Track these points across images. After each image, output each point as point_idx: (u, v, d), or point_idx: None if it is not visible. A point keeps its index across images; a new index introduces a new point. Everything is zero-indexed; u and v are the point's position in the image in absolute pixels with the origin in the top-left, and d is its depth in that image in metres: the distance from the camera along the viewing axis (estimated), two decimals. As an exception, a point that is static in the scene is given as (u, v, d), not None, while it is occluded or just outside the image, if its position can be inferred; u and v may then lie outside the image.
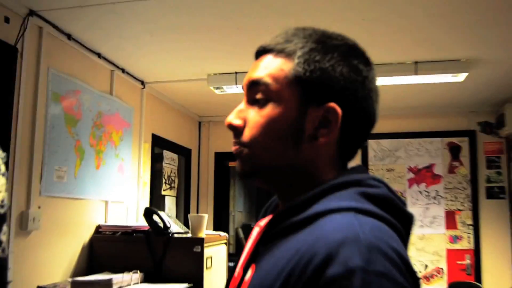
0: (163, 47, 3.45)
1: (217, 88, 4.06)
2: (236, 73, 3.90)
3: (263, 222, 1.00)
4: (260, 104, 0.89)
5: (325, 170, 0.91)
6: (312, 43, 0.90)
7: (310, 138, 0.88)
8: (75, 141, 3.27)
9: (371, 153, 5.38)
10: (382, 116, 4.13)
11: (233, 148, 0.93)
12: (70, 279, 3.04)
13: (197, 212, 5.40)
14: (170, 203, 4.95)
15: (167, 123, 4.86)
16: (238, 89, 4.03)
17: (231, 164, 5.83)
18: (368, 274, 0.69)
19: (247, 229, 6.24)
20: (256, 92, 0.90)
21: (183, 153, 5.30)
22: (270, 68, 0.90)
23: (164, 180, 4.80)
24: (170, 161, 4.95)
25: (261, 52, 0.94)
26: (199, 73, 3.97)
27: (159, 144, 4.64)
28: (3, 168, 1.07)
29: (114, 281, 2.92)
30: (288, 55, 0.89)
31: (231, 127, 0.92)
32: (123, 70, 3.89)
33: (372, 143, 5.39)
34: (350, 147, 0.92)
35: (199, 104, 5.06)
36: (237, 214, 6.78)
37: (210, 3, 2.74)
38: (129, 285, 3.08)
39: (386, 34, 3.14)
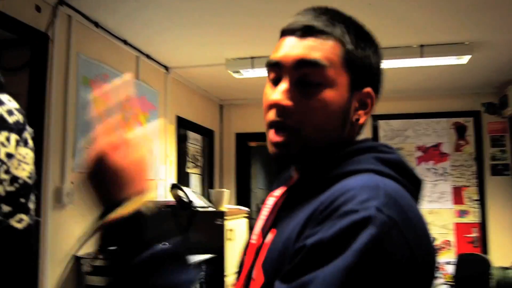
0: (184, 33, 3.41)
1: (235, 72, 4.02)
2: (252, 58, 3.85)
3: (277, 192, 0.97)
4: (312, 86, 0.82)
5: (348, 140, 0.89)
6: (354, 29, 0.86)
7: (353, 119, 0.87)
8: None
9: (381, 133, 5.30)
10: (391, 97, 4.07)
11: (272, 133, 0.85)
12: (102, 249, 3.06)
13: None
14: (195, 180, 4.95)
15: (191, 106, 4.84)
16: (254, 73, 4.00)
17: (251, 144, 5.80)
18: (380, 215, 0.67)
19: (266, 205, 6.20)
20: (309, 74, 0.82)
21: (206, 134, 5.29)
22: (324, 50, 0.82)
23: (189, 159, 4.79)
24: (194, 141, 4.94)
25: (306, 32, 0.84)
26: (218, 58, 3.93)
27: (183, 126, 4.63)
28: (31, 142, 1.07)
29: (142, 251, 2.92)
30: (338, 39, 0.83)
31: (280, 107, 0.83)
32: (148, 56, 3.86)
33: (382, 124, 5.30)
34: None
35: (220, 87, 5.03)
36: (258, 191, 6.75)
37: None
38: (156, 254, 3.08)
39: (393, 18, 3.06)
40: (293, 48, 0.84)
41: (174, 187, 3.41)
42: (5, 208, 1.00)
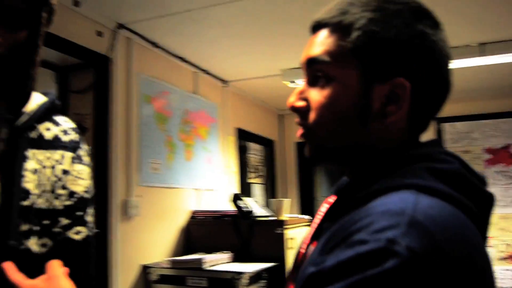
0: (239, 47, 3.46)
1: (291, 82, 4.03)
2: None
3: (331, 199, 0.91)
4: (321, 83, 0.77)
5: (395, 145, 0.77)
6: (370, 12, 0.74)
7: (378, 116, 0.74)
8: (166, 137, 3.37)
9: (446, 136, 5.10)
10: (454, 99, 3.89)
11: (298, 132, 0.82)
12: (168, 259, 3.15)
13: (285, 197, 5.42)
14: (258, 190, 4.99)
15: (250, 117, 4.89)
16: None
17: (313, 152, 5.77)
18: (395, 247, 0.54)
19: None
20: (315, 71, 0.78)
21: (266, 144, 5.33)
22: (326, 44, 0.76)
23: (250, 169, 4.84)
24: (254, 151, 4.98)
25: (316, 27, 0.80)
26: (274, 69, 3.96)
27: (243, 137, 4.69)
28: (86, 159, 1.13)
29: (205, 260, 2.98)
30: (345, 28, 0.75)
31: (294, 109, 0.80)
32: (205, 71, 3.96)
33: (446, 126, 5.10)
34: (422, 120, 0.77)
35: (277, 98, 5.05)
36: (322, 199, 6.67)
37: (276, 5, 2.71)
38: (220, 264, 3.13)
39: (449, 18, 2.95)
40: (307, 47, 0.81)
41: (235, 197, 3.46)
42: (63, 221, 1.05)
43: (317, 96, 0.77)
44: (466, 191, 0.67)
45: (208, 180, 3.91)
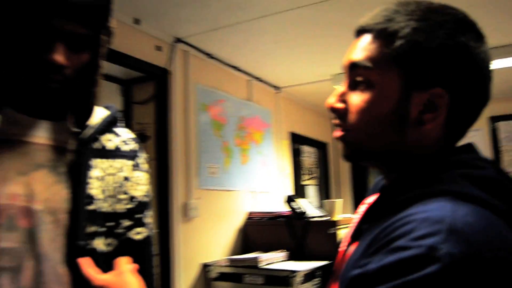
0: (290, 54, 3.53)
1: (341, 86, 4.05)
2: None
3: (370, 199, 0.93)
4: (361, 87, 0.77)
5: (431, 152, 0.77)
6: (415, 22, 0.74)
7: (415, 123, 0.75)
8: (222, 142, 3.50)
9: (502, 135, 4.93)
10: (509, 97, 3.75)
11: (335, 132, 0.83)
12: (226, 257, 3.27)
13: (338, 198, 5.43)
14: (312, 191, 5.03)
15: (302, 121, 4.94)
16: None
17: (366, 153, 5.74)
18: (437, 253, 0.56)
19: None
20: (356, 75, 0.78)
21: (320, 146, 5.35)
22: (369, 50, 0.77)
23: (304, 172, 4.90)
24: (308, 154, 5.03)
25: (360, 32, 0.81)
26: (324, 74, 4.00)
27: (296, 140, 4.75)
28: (145, 166, 1.20)
29: (261, 259, 3.07)
30: (389, 35, 0.75)
31: (333, 109, 0.81)
32: (258, 79, 4.06)
33: (502, 125, 4.94)
34: (459, 128, 0.77)
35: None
36: (375, 199, 6.62)
37: (324, 12, 2.77)
38: (275, 262, 3.21)
39: (497, 17, 2.91)
40: (349, 51, 0.82)
41: (288, 198, 3.54)
42: (125, 223, 1.11)
43: (356, 100, 0.77)
44: (502, 196, 0.67)
45: (263, 182, 4.01)
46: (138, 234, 1.13)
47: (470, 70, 0.73)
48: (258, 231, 3.67)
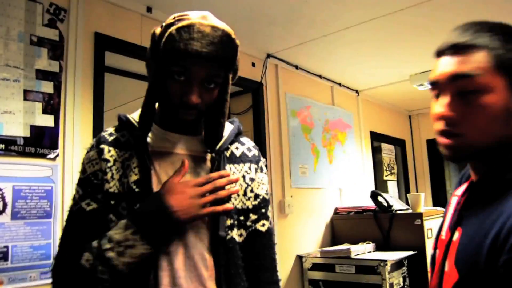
0: (369, 59, 3.60)
1: (419, 85, 4.05)
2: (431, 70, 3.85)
3: (459, 191, 1.00)
4: (471, 96, 0.84)
5: None
6: (501, 34, 0.85)
7: None
8: (311, 145, 3.64)
9: None
10: None
11: (442, 139, 0.88)
12: (319, 249, 3.40)
13: (416, 192, 5.37)
14: (392, 186, 5.03)
15: (381, 120, 4.96)
16: (439, 84, 3.96)
17: (443, 148, 5.63)
18: None
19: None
20: (464, 86, 0.84)
21: (398, 143, 5.34)
22: (475, 62, 0.84)
23: (384, 168, 4.91)
24: (387, 151, 5.04)
25: (453, 48, 0.88)
26: (402, 74, 4.02)
27: (376, 139, 4.78)
28: (265, 169, 1.32)
29: (352, 250, 3.17)
30: (486, 47, 0.84)
31: (444, 118, 0.86)
32: (340, 84, 4.15)
33: None
34: None
35: (406, 100, 5.05)
36: (451, 192, 6.44)
37: (399, 18, 2.84)
38: (364, 253, 3.30)
39: None
40: (446, 66, 0.87)
41: (373, 193, 3.61)
42: (252, 216, 1.21)
43: (468, 106, 0.84)
44: None
45: (348, 179, 4.10)
46: (263, 226, 1.23)
47: None
48: (345, 225, 3.76)
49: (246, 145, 1.29)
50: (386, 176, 4.92)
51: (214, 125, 1.16)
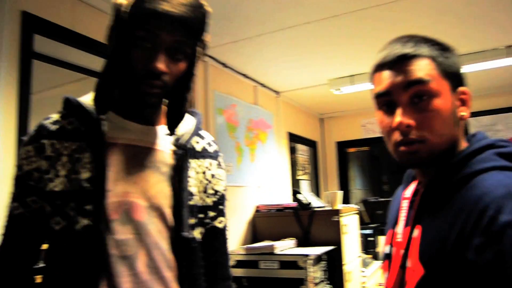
0: (291, 62, 3.66)
1: (337, 89, 4.22)
2: (351, 75, 4.04)
3: (407, 193, 1.06)
4: (424, 101, 0.88)
5: (462, 140, 0.94)
6: (436, 46, 0.92)
7: (459, 117, 0.91)
8: (235, 143, 3.63)
9: (472, 129, 5.18)
10: (479, 96, 4.01)
11: (404, 148, 0.90)
12: (242, 246, 3.39)
13: (327, 191, 5.60)
14: (305, 185, 5.19)
15: (297, 122, 5.08)
16: (353, 89, 4.16)
17: (350, 150, 5.95)
18: None
19: (366, 204, 6.27)
20: (418, 91, 0.88)
21: (311, 144, 5.51)
22: (424, 69, 0.89)
23: (299, 168, 5.05)
24: (302, 152, 5.19)
25: (400, 59, 0.91)
26: (321, 79, 4.16)
27: (293, 139, 4.90)
28: (223, 164, 1.28)
29: (276, 246, 3.20)
30: (428, 56, 0.90)
31: (405, 126, 0.89)
32: (262, 85, 4.19)
33: (472, 121, 5.22)
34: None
35: (320, 104, 5.23)
36: (355, 191, 6.85)
37: (329, 25, 2.92)
38: (287, 249, 3.35)
39: (479, 27, 3.09)
40: (395, 76, 0.90)
41: (294, 192, 3.70)
42: (211, 213, 1.18)
43: (423, 111, 0.88)
44: None
45: (268, 178, 4.15)
46: (221, 223, 1.22)
47: (463, 72, 0.96)
48: (266, 222, 3.79)
49: (207, 140, 1.24)
50: (300, 175, 5.07)
51: (178, 100, 1.08)
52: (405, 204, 1.03)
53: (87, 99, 1.07)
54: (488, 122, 5.16)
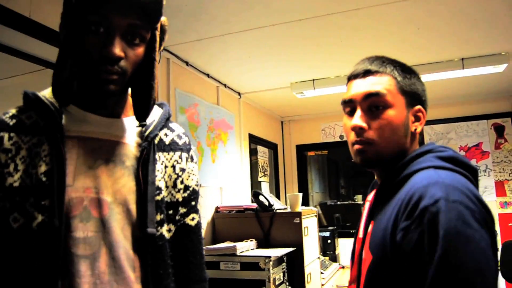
0: (256, 65, 3.66)
1: (299, 93, 4.25)
2: (313, 80, 4.08)
3: (370, 197, 1.21)
4: (379, 110, 1.05)
5: (413, 148, 1.10)
6: (400, 67, 1.10)
7: (411, 130, 1.08)
8: (197, 142, 3.58)
9: (426, 137, 5.38)
10: (435, 104, 4.17)
11: (356, 146, 1.08)
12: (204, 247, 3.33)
13: (285, 193, 5.63)
14: (265, 187, 5.19)
15: (258, 124, 5.08)
16: (315, 93, 4.20)
17: (309, 153, 6.01)
18: (448, 201, 0.86)
19: (324, 206, 6.36)
20: (375, 102, 1.06)
21: (271, 147, 5.53)
22: (383, 84, 1.07)
23: (259, 169, 5.05)
24: (262, 154, 5.19)
25: (365, 73, 1.09)
26: (284, 82, 4.17)
27: (254, 141, 4.89)
28: (196, 158, 1.24)
29: (238, 247, 3.18)
30: (390, 74, 1.07)
31: (358, 128, 1.06)
32: (225, 85, 4.15)
33: (426, 129, 5.39)
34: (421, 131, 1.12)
35: (282, 107, 5.25)
36: (314, 194, 6.92)
37: (294, 29, 2.93)
38: (248, 250, 3.33)
39: (437, 39, 3.20)
40: (359, 87, 1.09)
41: (255, 193, 3.68)
42: (181, 210, 1.13)
43: (377, 119, 1.05)
44: (462, 166, 0.98)
45: (228, 179, 4.12)
46: (193, 220, 1.16)
47: (425, 93, 1.13)
48: (227, 223, 3.76)
49: (176, 132, 1.19)
50: (260, 177, 5.06)
51: (143, 89, 1.03)
52: (366, 206, 1.18)
53: (47, 92, 1.03)
54: (442, 130, 5.35)
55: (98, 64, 0.92)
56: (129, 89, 1.08)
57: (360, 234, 1.14)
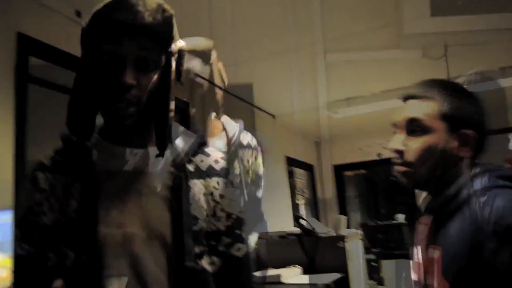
0: (291, 87, 3.61)
1: (334, 112, 4.16)
2: (348, 98, 3.99)
3: (424, 220, 1.16)
4: (418, 134, 1.07)
5: (461, 172, 1.06)
6: (447, 90, 1.08)
7: (455, 154, 1.06)
8: (235, 168, 3.50)
9: None
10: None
11: (399, 168, 1.10)
12: (248, 275, 3.22)
13: (325, 215, 5.50)
14: (303, 209, 5.09)
15: (294, 146, 5.00)
16: (350, 111, 4.11)
17: (347, 173, 5.88)
18: None
19: (365, 227, 6.15)
20: (414, 126, 1.07)
21: (308, 168, 5.43)
22: (423, 108, 1.08)
23: (297, 192, 4.95)
24: (300, 176, 5.10)
25: (408, 98, 1.12)
26: (317, 101, 4.09)
27: (290, 163, 4.80)
28: (236, 183, 1.19)
29: (282, 275, 3.05)
30: (433, 98, 1.07)
31: (397, 151, 1.09)
32: (260, 109, 4.11)
33: None
34: (482, 151, 1.09)
35: (317, 128, 5.18)
36: (353, 214, 6.75)
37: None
38: (293, 277, 3.18)
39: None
40: (401, 111, 1.12)
41: (297, 217, 3.56)
42: (225, 240, 1.06)
43: (415, 143, 1.07)
44: None
45: (268, 203, 4.00)
46: (239, 250, 1.07)
47: (483, 117, 1.09)
48: (269, 249, 3.64)
49: (213, 157, 1.11)
50: (299, 200, 4.96)
51: (160, 117, 1.00)
52: (421, 229, 1.16)
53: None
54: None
55: (114, 94, 0.92)
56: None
57: (419, 260, 1.12)
